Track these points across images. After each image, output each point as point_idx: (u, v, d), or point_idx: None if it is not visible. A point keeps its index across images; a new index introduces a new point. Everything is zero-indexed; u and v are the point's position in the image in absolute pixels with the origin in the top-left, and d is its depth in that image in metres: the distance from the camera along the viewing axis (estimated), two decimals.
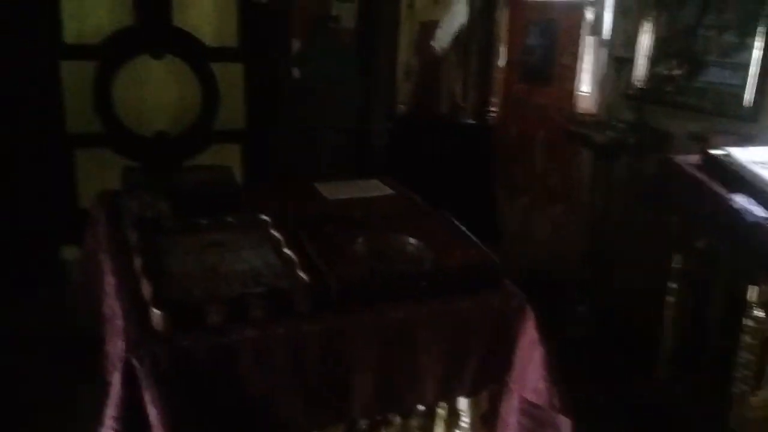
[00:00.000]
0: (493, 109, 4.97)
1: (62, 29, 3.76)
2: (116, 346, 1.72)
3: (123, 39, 3.94)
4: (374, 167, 4.50)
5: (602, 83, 4.27)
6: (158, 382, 1.61)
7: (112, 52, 3.92)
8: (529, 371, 1.99)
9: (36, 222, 3.54)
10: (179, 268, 1.88)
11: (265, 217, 2.15)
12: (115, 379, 1.61)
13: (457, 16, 4.90)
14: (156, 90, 4.14)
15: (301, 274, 1.87)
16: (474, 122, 5.05)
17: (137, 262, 1.85)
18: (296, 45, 4.50)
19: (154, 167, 3.62)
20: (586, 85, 4.51)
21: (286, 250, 1.98)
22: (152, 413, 1.62)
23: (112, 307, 1.86)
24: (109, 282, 1.94)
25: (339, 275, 1.88)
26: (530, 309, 2.01)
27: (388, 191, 2.61)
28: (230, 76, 4.28)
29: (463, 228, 2.28)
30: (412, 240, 2.11)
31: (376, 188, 2.60)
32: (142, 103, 4.10)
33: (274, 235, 2.07)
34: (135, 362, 1.61)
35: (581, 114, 4.38)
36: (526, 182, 4.78)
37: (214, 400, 1.69)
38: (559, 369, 1.98)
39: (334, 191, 2.51)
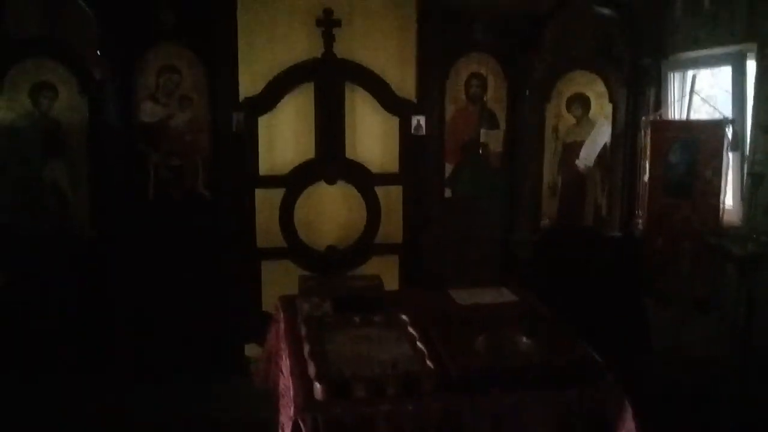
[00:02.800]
0: (638, 221, 5.26)
1: (258, 165, 4.75)
2: (288, 412, 2.33)
3: (305, 170, 4.87)
4: (518, 277, 4.96)
5: (744, 197, 4.47)
6: None
7: (296, 181, 4.86)
8: None
9: (227, 322, 4.38)
10: (336, 354, 2.50)
11: (404, 317, 2.73)
12: None
13: (600, 137, 5.34)
14: (328, 210, 5.01)
15: (429, 363, 2.40)
16: (620, 234, 5.35)
17: (306, 349, 2.50)
18: (449, 168, 5.18)
19: (324, 275, 4.37)
20: (729, 198, 4.71)
21: (419, 344, 2.53)
22: None
23: (286, 383, 2.50)
24: (286, 364, 2.60)
25: (460, 365, 2.39)
26: (628, 403, 2.36)
27: (513, 297, 3.09)
28: (391, 196, 5.07)
29: (577, 330, 2.68)
30: (525, 339, 2.56)
31: (502, 295, 3.09)
32: (317, 221, 4.96)
33: (410, 332, 2.63)
34: (300, 423, 2.20)
35: (725, 227, 4.57)
36: (674, 293, 4.95)
37: None
38: None
39: (465, 297, 3.04)
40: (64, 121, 4.40)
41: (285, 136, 4.90)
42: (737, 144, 4.62)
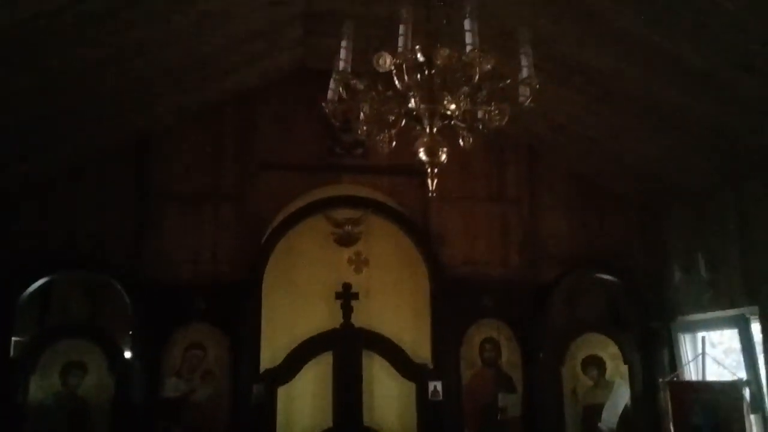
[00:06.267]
0: None
1: None
2: None
3: None
4: None
5: None
6: None
7: None
8: None
9: None
10: None
11: None
12: None
13: (620, 399, 5.36)
14: None
15: None
16: None
17: None
18: None
19: None
20: None
21: None
22: None
23: None
24: None
25: None
26: None
27: None
28: None
29: None
30: None
31: None
32: None
33: None
34: None
35: None
36: None
37: None
38: None
39: None
40: (90, 399, 4.64)
41: (303, 405, 5.07)
42: (757, 406, 4.63)
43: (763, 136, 4.14)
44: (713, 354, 5.11)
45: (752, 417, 4.66)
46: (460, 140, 2.77)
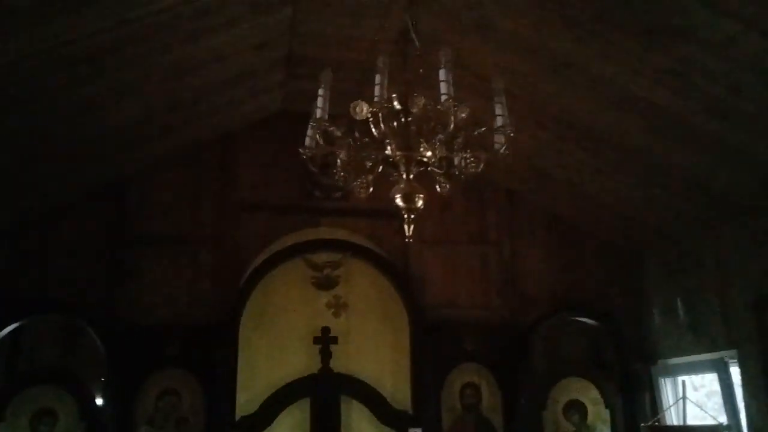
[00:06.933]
0: None
1: None
2: None
3: None
4: None
5: None
6: None
7: None
8: None
9: None
10: None
11: None
12: None
13: None
14: None
15: None
16: None
17: None
18: None
19: None
20: None
21: None
22: None
23: None
24: None
25: None
26: None
27: None
28: None
29: None
30: None
31: None
32: None
33: None
34: None
35: None
36: None
37: None
38: None
39: None
40: None
41: None
42: None
43: (738, 181, 4.22)
44: (695, 397, 5.11)
45: None
46: (437, 186, 2.79)
